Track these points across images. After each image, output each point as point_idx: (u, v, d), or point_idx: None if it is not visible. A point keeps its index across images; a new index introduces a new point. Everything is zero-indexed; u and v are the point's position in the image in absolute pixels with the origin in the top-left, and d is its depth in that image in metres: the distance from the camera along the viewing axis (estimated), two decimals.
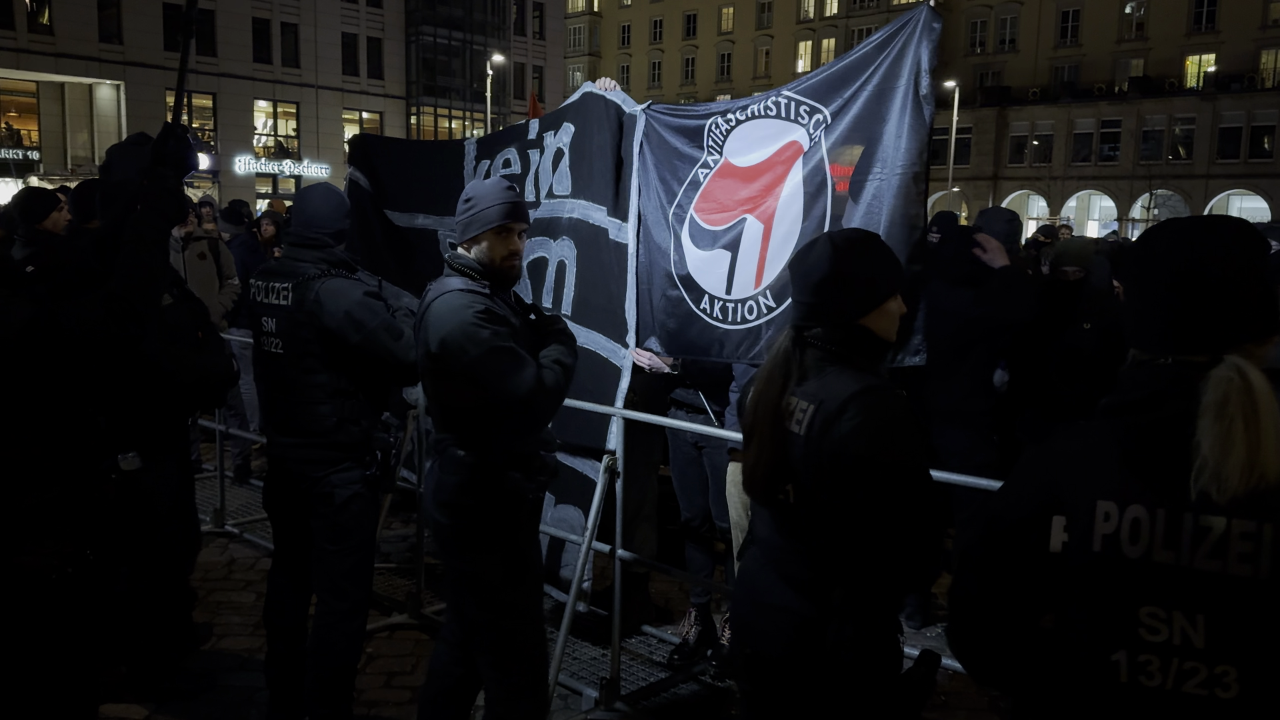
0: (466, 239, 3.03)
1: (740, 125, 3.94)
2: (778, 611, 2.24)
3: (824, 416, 2.11)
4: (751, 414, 2.30)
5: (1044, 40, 51.68)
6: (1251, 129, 44.50)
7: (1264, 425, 1.41)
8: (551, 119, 4.68)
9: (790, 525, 2.24)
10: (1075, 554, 1.54)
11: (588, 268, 4.44)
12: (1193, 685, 1.46)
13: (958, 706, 4.26)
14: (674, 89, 64.57)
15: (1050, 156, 50.01)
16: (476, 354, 2.81)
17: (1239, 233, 1.58)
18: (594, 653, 4.55)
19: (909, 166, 3.35)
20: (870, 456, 2.05)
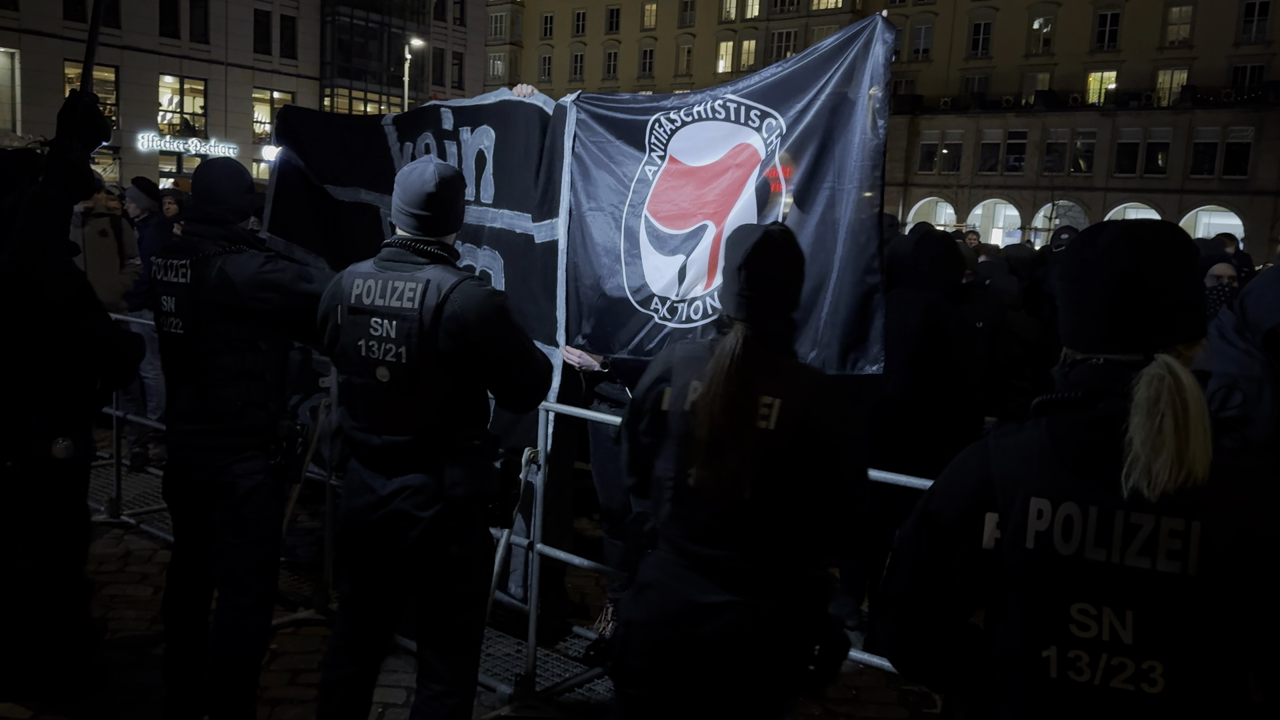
0: (454, 229, 2.99)
1: (686, 126, 3.91)
2: (721, 608, 2.29)
3: (797, 409, 2.25)
4: (720, 416, 2.26)
5: (956, 51, 53.12)
6: (1148, 145, 46.50)
7: (1193, 423, 1.43)
8: (469, 114, 4.56)
9: (740, 523, 2.30)
10: (1008, 551, 1.55)
11: (516, 278, 4.38)
12: (1120, 680, 1.48)
13: (868, 701, 4.32)
14: (596, 82, 64.39)
15: (959, 165, 51.43)
16: (520, 340, 2.87)
17: (1173, 237, 1.61)
18: (509, 648, 4.48)
19: (866, 177, 3.37)
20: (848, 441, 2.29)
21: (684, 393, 2.37)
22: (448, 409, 2.85)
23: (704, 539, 2.34)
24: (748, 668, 2.32)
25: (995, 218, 51.53)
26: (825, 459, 2.28)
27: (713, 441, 2.28)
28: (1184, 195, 44.82)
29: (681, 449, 2.36)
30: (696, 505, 2.35)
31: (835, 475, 2.30)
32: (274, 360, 3.42)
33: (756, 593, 2.30)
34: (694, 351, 2.45)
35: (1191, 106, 45.03)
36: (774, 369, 2.31)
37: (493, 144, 4.43)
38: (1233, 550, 1.42)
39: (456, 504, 2.85)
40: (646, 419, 2.48)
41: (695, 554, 2.36)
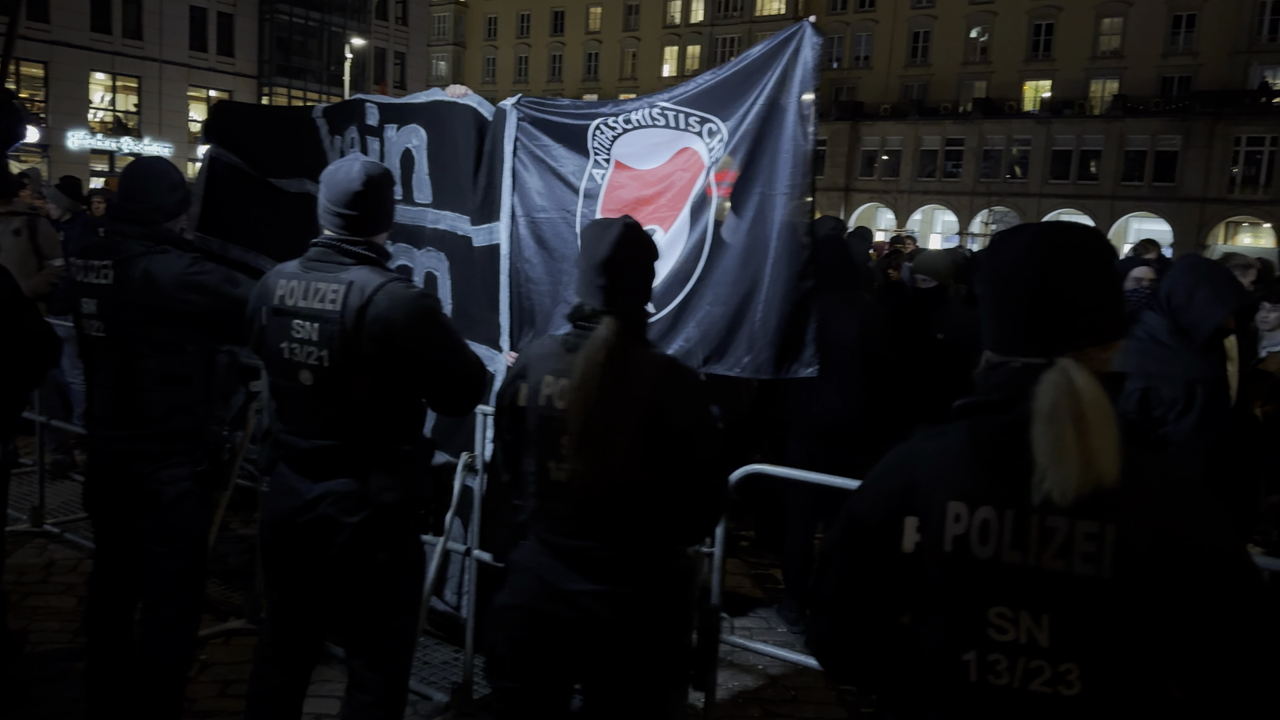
0: (383, 229, 2.94)
1: (628, 132, 3.90)
2: (583, 594, 2.38)
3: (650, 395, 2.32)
4: (593, 408, 2.33)
5: (895, 59, 53.94)
6: (1081, 152, 47.66)
7: (1093, 429, 1.42)
8: (395, 111, 4.49)
9: (602, 512, 2.38)
10: (927, 554, 1.56)
11: (462, 280, 4.33)
12: (1038, 684, 1.48)
13: (806, 701, 4.35)
14: (540, 84, 64.18)
15: (898, 171, 52.23)
16: (448, 340, 2.82)
17: (1084, 240, 1.60)
18: (446, 655, 4.42)
19: (798, 183, 3.39)
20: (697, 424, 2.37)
21: (538, 388, 2.43)
22: (375, 413, 2.79)
23: (567, 531, 2.43)
24: (611, 654, 2.40)
25: (934, 223, 52.40)
26: (674, 447, 2.35)
27: (586, 434, 2.34)
28: (1115, 202, 46.03)
29: (540, 444, 2.44)
30: (559, 498, 2.43)
31: (686, 464, 2.36)
32: (201, 364, 3.34)
33: (619, 581, 2.39)
34: (548, 347, 2.51)
35: (1122, 115, 46.28)
36: (636, 359, 2.38)
37: (424, 144, 4.36)
38: (1147, 553, 1.42)
39: (384, 510, 2.79)
40: (506, 416, 2.55)
41: (559, 546, 2.44)
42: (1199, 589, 1.42)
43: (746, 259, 3.43)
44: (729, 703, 4.27)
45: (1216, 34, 44.74)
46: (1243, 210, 43.51)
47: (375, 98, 4.67)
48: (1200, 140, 43.95)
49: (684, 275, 3.55)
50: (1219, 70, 44.68)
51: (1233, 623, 1.42)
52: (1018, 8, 49.86)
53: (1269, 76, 43.91)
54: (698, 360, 3.51)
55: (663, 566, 2.47)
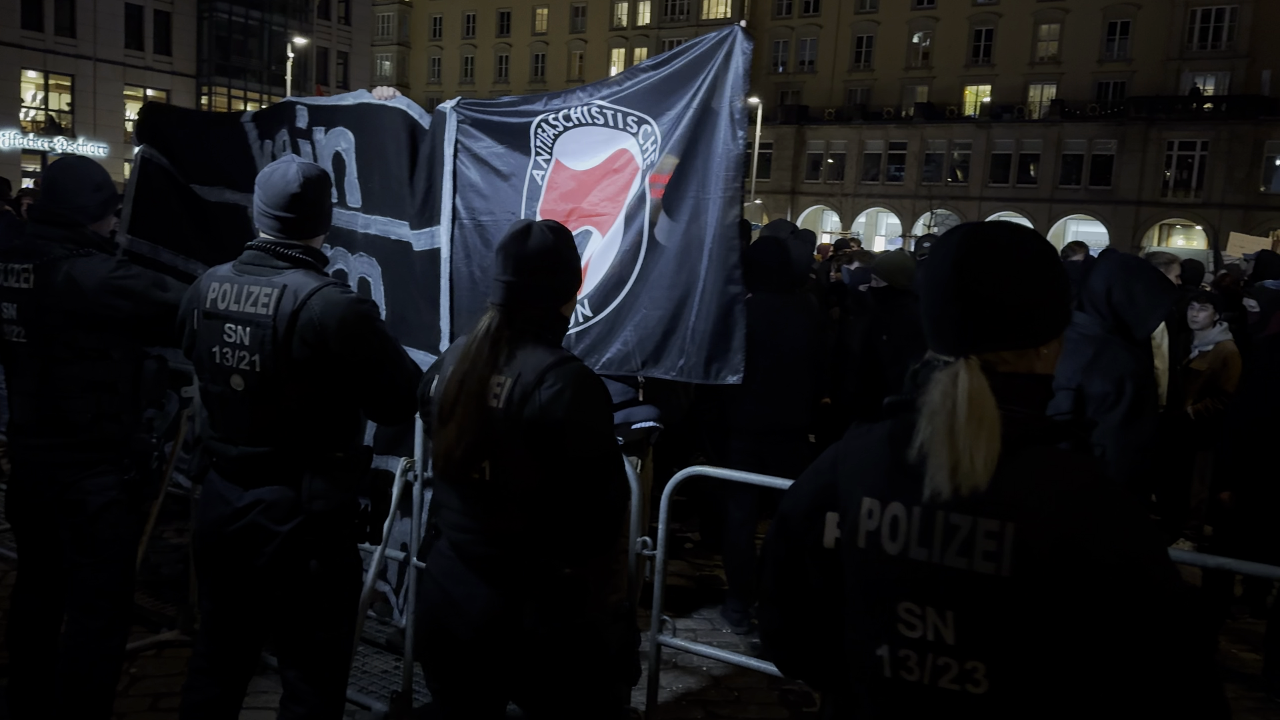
0: (320, 231, 2.89)
1: (569, 130, 3.87)
2: (473, 598, 2.38)
3: (523, 387, 2.29)
4: (454, 394, 2.36)
5: (840, 64, 54.57)
6: (1020, 156, 48.65)
7: (964, 429, 1.42)
8: (323, 114, 4.41)
9: (483, 506, 2.37)
10: (845, 550, 1.58)
11: (397, 285, 4.27)
12: (946, 680, 1.49)
13: (749, 701, 4.36)
14: (487, 85, 63.81)
15: (843, 174, 52.84)
16: (383, 346, 2.78)
17: (1012, 240, 1.55)
18: (385, 664, 4.36)
19: (728, 187, 3.40)
20: (569, 420, 2.28)
21: (446, 379, 2.44)
22: (308, 419, 2.74)
23: (458, 526, 2.43)
24: (509, 664, 2.38)
25: (878, 225, 53.10)
26: (550, 445, 2.29)
27: (442, 416, 2.37)
28: (1054, 204, 47.05)
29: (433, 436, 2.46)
30: (444, 488, 2.45)
31: (565, 464, 2.30)
32: (127, 370, 3.25)
33: (509, 585, 2.37)
34: (460, 342, 2.51)
35: (1060, 120, 47.33)
36: (516, 352, 2.36)
37: (352, 147, 4.29)
38: (1049, 555, 1.40)
39: (316, 518, 2.74)
40: (421, 406, 2.59)
41: (454, 541, 2.45)
42: (1106, 595, 1.38)
43: (681, 262, 3.44)
44: (672, 704, 4.26)
45: (1149, 41, 45.95)
46: (1176, 213, 44.74)
47: (305, 100, 4.59)
48: (1135, 144, 45.11)
49: (621, 279, 3.54)
50: (1152, 76, 45.91)
51: (1145, 630, 1.38)
52: (958, 14, 50.75)
53: (1199, 83, 45.22)
54: (635, 364, 3.50)
55: (552, 574, 2.40)
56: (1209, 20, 44.58)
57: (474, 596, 2.38)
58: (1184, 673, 1.39)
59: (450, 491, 2.43)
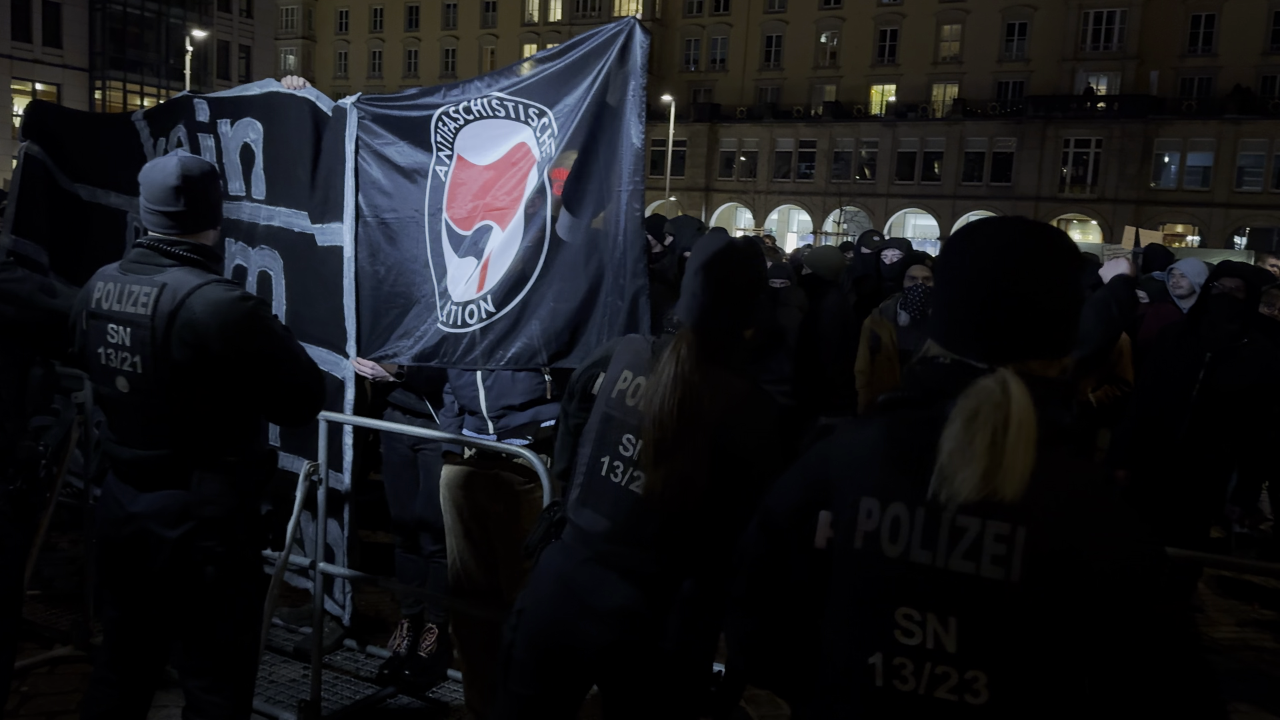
0: (207, 226, 2.76)
1: (469, 124, 3.83)
2: (616, 610, 2.31)
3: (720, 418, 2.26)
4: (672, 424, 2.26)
5: (750, 62, 55.21)
6: (924, 154, 49.94)
7: (1011, 443, 1.37)
8: (227, 106, 4.30)
9: (651, 524, 2.30)
10: (838, 552, 1.51)
11: (298, 280, 4.16)
12: (944, 690, 1.43)
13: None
14: (396, 80, 62.72)
15: (755, 172, 53.52)
16: (274, 348, 2.66)
17: (1051, 248, 1.50)
18: (294, 672, 4.25)
19: (629, 181, 3.41)
20: (760, 448, 2.28)
21: (614, 380, 2.39)
22: (198, 422, 2.65)
23: (607, 532, 2.35)
24: (631, 678, 2.34)
25: (790, 222, 53.92)
26: (738, 470, 2.26)
27: (661, 444, 2.27)
28: (957, 201, 48.42)
29: (600, 436, 2.39)
30: (605, 495, 2.36)
31: (744, 487, 2.21)
32: (12, 377, 3.10)
33: (654, 599, 2.30)
34: (636, 344, 2.47)
35: (962, 118, 48.73)
36: (712, 379, 2.30)
37: (260, 137, 4.19)
38: (1057, 561, 1.37)
39: (209, 524, 2.65)
40: (576, 400, 2.54)
41: (596, 547, 2.37)
42: (1111, 601, 1.37)
43: (587, 257, 3.44)
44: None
45: (1046, 42, 47.59)
46: (1072, 208, 46.45)
47: (206, 94, 4.47)
48: (1033, 142, 46.70)
49: (524, 274, 3.52)
50: (1049, 76, 47.58)
51: (1148, 637, 1.38)
52: (864, 14, 51.80)
53: (1093, 82, 47.02)
54: (542, 358, 3.49)
55: (705, 590, 2.31)
56: (1101, 22, 46.37)
57: (614, 611, 2.32)
58: (1184, 676, 1.38)
59: (610, 499, 2.36)
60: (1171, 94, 45.30)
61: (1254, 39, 43.79)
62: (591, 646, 2.35)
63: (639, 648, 2.31)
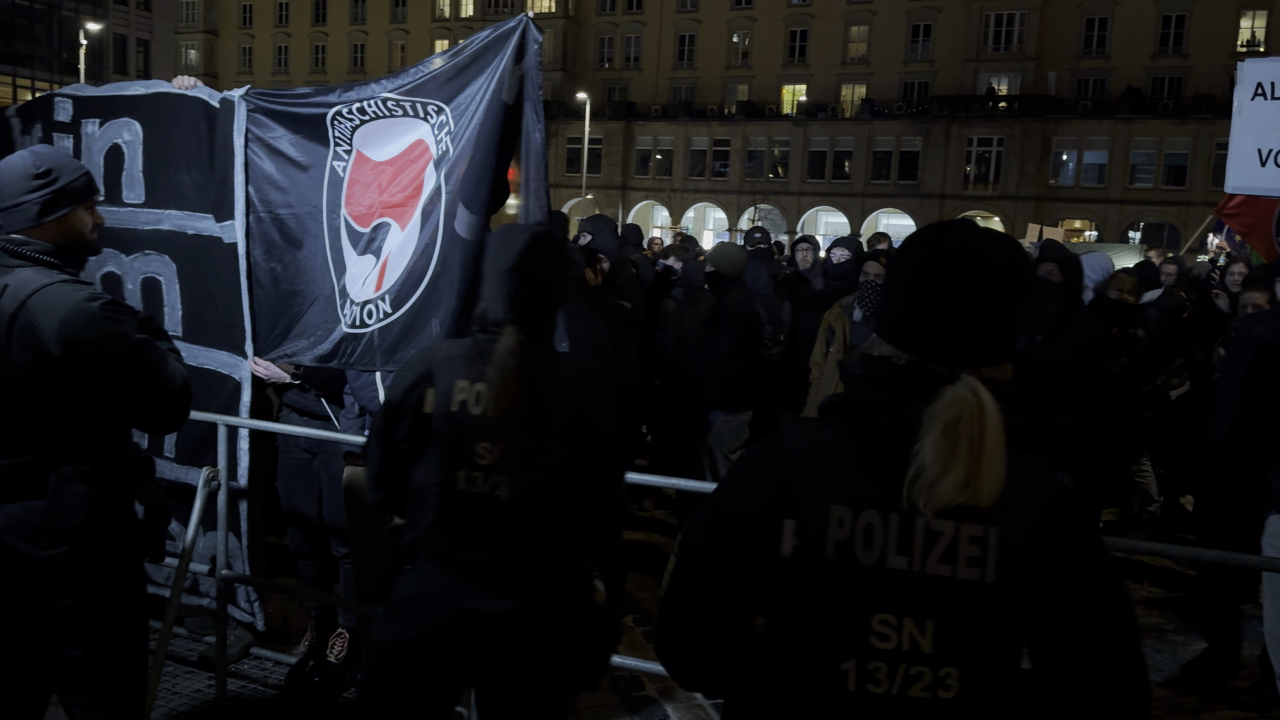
0: (50, 218, 2.62)
1: (365, 123, 3.78)
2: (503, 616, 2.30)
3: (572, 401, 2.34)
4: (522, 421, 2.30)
5: (664, 61, 55.51)
6: (835, 153, 50.90)
7: (988, 450, 1.39)
8: (97, 105, 4.13)
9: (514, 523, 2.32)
10: (808, 561, 1.47)
11: (197, 283, 4.05)
12: (917, 689, 1.45)
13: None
14: (303, 76, 61.34)
15: (671, 170, 53.86)
16: (123, 350, 2.52)
17: (1016, 257, 1.54)
18: (199, 683, 4.15)
19: (531, 178, 3.42)
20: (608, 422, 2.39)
21: (450, 393, 2.33)
22: (53, 428, 2.53)
23: (475, 543, 2.33)
24: (531, 670, 2.34)
25: (706, 220, 54.40)
26: (591, 453, 2.36)
27: (494, 441, 2.29)
28: (866, 199, 49.49)
29: (449, 452, 2.32)
30: (468, 506, 2.32)
31: (600, 467, 2.38)
32: None
33: (531, 592, 2.34)
34: (457, 351, 2.41)
35: (870, 118, 49.78)
36: (549, 366, 2.36)
37: (139, 139, 4.05)
38: (1028, 559, 1.43)
39: (69, 536, 2.54)
40: (407, 423, 2.39)
41: (466, 560, 2.33)
42: (1072, 597, 1.44)
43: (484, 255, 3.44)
44: None
45: (949, 43, 48.93)
46: (976, 205, 47.80)
47: (73, 90, 4.28)
48: (938, 141, 47.96)
49: (421, 273, 3.51)
50: (952, 76, 48.92)
51: (1100, 627, 1.45)
52: (774, 15, 52.54)
53: (994, 82, 48.51)
54: None
55: (569, 571, 2.43)
56: (1001, 24, 47.84)
57: (502, 612, 2.32)
58: (1125, 662, 1.46)
59: (468, 511, 2.33)
60: (1068, 94, 47.06)
61: (1144, 42, 45.75)
62: (484, 660, 2.34)
63: (527, 646, 2.33)
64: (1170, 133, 44.19)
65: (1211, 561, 4.39)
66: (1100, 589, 1.45)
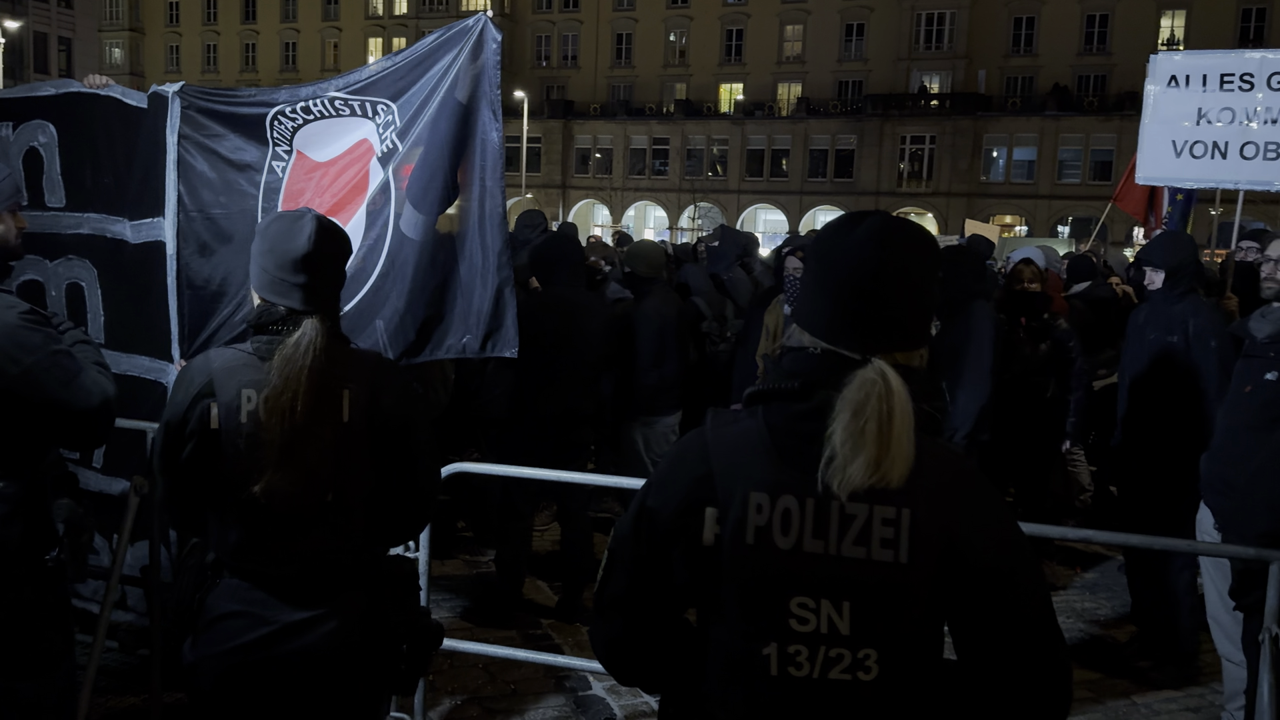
0: None
1: (308, 123, 3.72)
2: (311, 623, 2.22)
3: (369, 393, 2.26)
4: (300, 421, 2.16)
5: (602, 59, 55.49)
6: (772, 151, 51.38)
7: (896, 431, 1.43)
8: (8, 108, 3.97)
9: (320, 528, 2.24)
10: (728, 548, 1.51)
11: (117, 287, 3.94)
12: (837, 671, 1.48)
13: (526, 693, 4.38)
14: (233, 75, 60.06)
15: (611, 168, 53.85)
16: (34, 361, 2.40)
17: (926, 245, 1.58)
18: (133, 699, 4.04)
19: (487, 177, 3.40)
20: (412, 417, 2.34)
21: (237, 404, 2.21)
22: None
23: (279, 557, 2.24)
24: (342, 677, 2.28)
25: (646, 219, 54.52)
26: (394, 443, 2.30)
27: (289, 446, 2.17)
28: (803, 196, 50.02)
29: (242, 466, 2.19)
30: (269, 520, 2.22)
31: (405, 456, 2.33)
32: None
33: (341, 598, 2.27)
34: (236, 359, 2.27)
35: (806, 116, 50.37)
36: (343, 358, 2.28)
37: (54, 141, 3.91)
38: (939, 538, 1.46)
39: None
40: (194, 443, 2.24)
41: (271, 575, 2.24)
42: (984, 574, 1.47)
43: (436, 254, 3.41)
44: (448, 706, 4.21)
45: (882, 42, 49.68)
46: (910, 202, 48.62)
47: None
48: (872, 139, 48.67)
49: (365, 272, 3.47)
50: (885, 75, 49.67)
51: (1015, 604, 1.48)
52: (710, 14, 52.83)
53: (926, 81, 49.38)
54: (393, 355, 3.45)
55: (384, 574, 2.37)
56: (932, 23, 48.71)
57: (305, 622, 2.21)
58: (1040, 638, 1.49)
59: (270, 523, 2.21)
60: (998, 92, 48.10)
61: (1070, 40, 46.94)
62: (289, 673, 2.24)
63: (337, 652, 2.25)
64: (1096, 129, 45.39)
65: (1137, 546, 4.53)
66: (1012, 567, 1.49)
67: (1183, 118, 6.11)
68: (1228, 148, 5.96)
